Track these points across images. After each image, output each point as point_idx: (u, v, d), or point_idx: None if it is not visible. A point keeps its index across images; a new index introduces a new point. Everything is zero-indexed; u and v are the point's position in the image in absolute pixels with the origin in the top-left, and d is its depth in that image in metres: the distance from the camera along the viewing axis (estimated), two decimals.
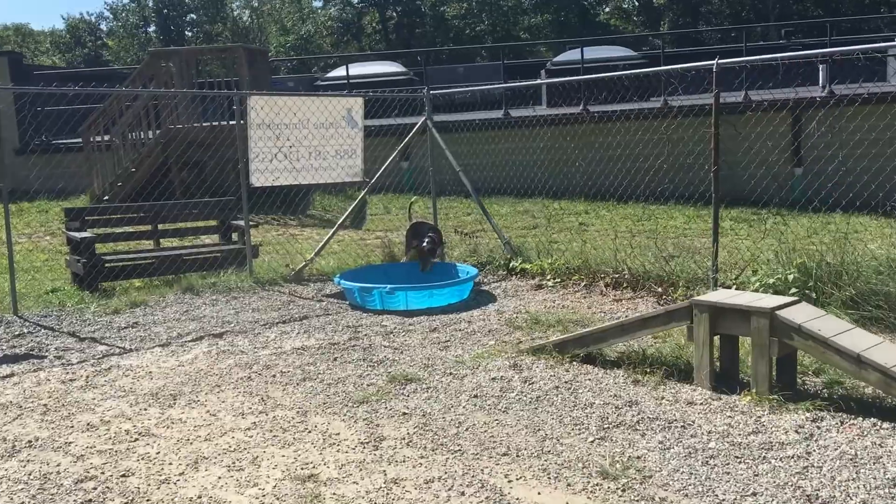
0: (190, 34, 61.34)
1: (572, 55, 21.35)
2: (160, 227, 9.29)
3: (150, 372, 5.82)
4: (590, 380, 5.15)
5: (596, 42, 25.45)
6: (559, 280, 7.93)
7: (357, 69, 19.60)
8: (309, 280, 8.75)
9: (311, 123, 8.73)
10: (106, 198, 14.65)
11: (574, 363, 5.42)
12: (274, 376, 5.60)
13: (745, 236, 11.56)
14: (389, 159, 9.26)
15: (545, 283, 7.95)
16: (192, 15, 62.42)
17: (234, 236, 9.59)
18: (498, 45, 41.38)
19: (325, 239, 9.05)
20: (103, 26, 65.07)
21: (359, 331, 6.72)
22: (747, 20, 43.90)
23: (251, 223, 9.43)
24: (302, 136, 8.70)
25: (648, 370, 5.14)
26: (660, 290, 7.08)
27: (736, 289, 6.29)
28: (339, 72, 21.41)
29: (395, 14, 56.65)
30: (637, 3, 53.95)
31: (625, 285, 7.43)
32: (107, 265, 8.37)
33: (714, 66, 6.92)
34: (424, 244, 8.10)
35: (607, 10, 55.71)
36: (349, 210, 9.15)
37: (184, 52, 14.78)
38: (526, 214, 13.90)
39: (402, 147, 9.29)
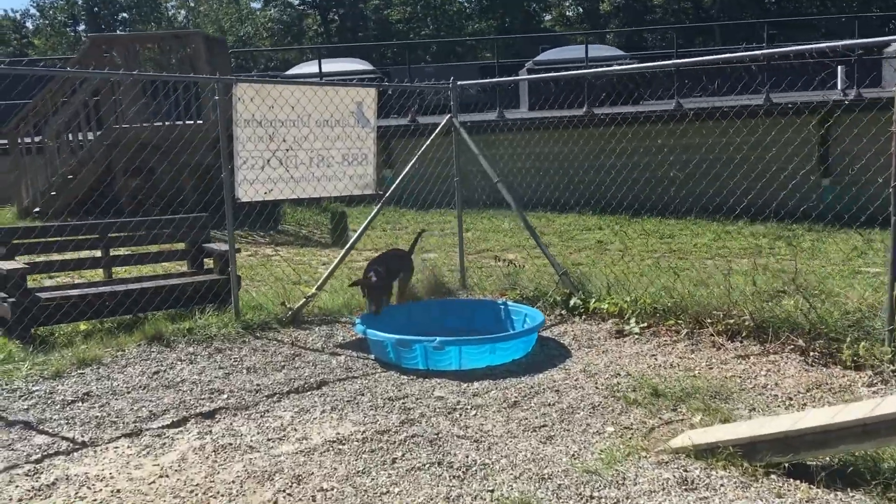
0: (122, 34, 58.19)
1: (554, 54, 19.73)
2: (112, 251, 7.20)
3: (117, 490, 3.82)
4: None
5: (545, 43, 23.96)
6: (646, 325, 6.14)
7: (324, 66, 17.55)
8: (310, 322, 6.79)
9: (313, 121, 6.78)
10: (37, 210, 12.37)
11: (775, 478, 3.62)
12: (314, 500, 3.67)
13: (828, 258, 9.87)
14: (409, 166, 7.36)
15: (627, 328, 6.15)
16: (125, 14, 59.31)
17: (207, 262, 7.56)
18: (491, 37, 39.88)
19: (330, 268, 7.08)
20: (29, 24, 61.40)
21: (408, 407, 4.81)
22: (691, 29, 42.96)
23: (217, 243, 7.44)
24: (301, 137, 6.74)
25: None
26: (801, 342, 5.33)
27: None
28: (304, 68, 19.31)
29: (336, 17, 54.64)
30: (581, 11, 53.14)
31: (744, 334, 5.67)
32: (42, 303, 6.27)
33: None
34: (371, 276, 6.32)
35: (548, 17, 54.91)
36: (361, 228, 7.18)
37: (129, 39, 12.58)
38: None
39: (425, 150, 7.38)
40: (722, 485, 3.59)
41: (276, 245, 11.02)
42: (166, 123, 12.14)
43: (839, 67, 14.95)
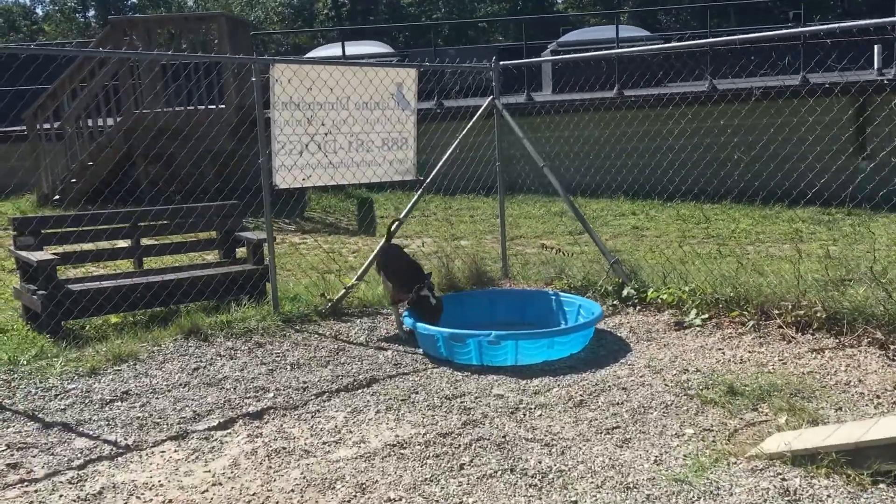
0: (141, 16, 57.83)
1: (578, 35, 19.33)
2: (143, 241, 6.94)
3: (169, 500, 3.56)
4: None
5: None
6: (707, 316, 5.83)
7: (341, 49, 17.17)
8: (351, 314, 6.51)
9: (352, 103, 6.48)
10: (57, 197, 12.12)
11: (884, 487, 3.32)
12: None
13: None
14: (449, 151, 7.06)
15: (687, 319, 5.84)
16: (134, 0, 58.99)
17: (240, 252, 7.29)
18: (505, 18, 39.26)
19: (370, 258, 6.77)
20: (39, 10, 61.19)
21: (468, 406, 4.53)
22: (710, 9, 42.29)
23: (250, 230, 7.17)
24: (340, 121, 6.44)
25: None
26: (880, 335, 5.02)
27: None
28: (321, 52, 18.97)
29: (347, 1, 54.14)
30: None
31: (815, 326, 5.35)
32: (76, 296, 6.01)
33: None
34: (430, 297, 5.62)
35: (561, 0, 54.36)
36: (402, 215, 6.87)
37: (150, 22, 12.28)
38: (565, 216, 11.79)
39: (465, 134, 7.07)
40: (828, 495, 3.30)
41: (304, 233, 10.75)
42: (187, 108, 11.84)
43: (875, 46, 14.49)
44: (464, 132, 7.07)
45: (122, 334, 5.89)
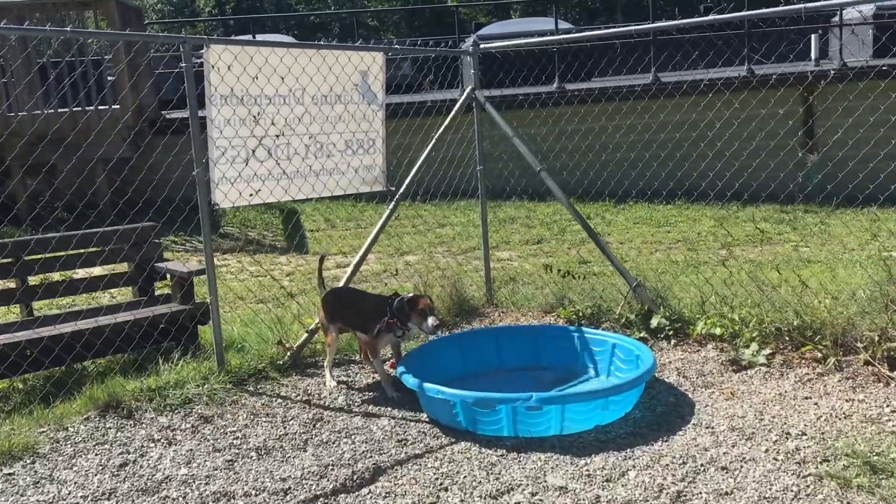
0: (12, 0, 53.39)
1: (501, 28, 18.29)
2: (31, 280, 5.32)
3: None
4: None
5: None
6: (769, 352, 4.73)
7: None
8: (316, 364, 5.11)
9: (308, 96, 5.08)
10: None
11: None
12: None
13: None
14: (424, 154, 5.74)
15: (746, 357, 4.73)
16: None
17: (160, 287, 5.77)
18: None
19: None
20: None
21: None
22: None
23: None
24: (294, 118, 5.03)
25: None
26: None
27: None
28: None
29: None
30: None
31: None
32: None
33: None
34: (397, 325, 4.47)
35: None
36: (371, 236, 5.48)
37: (24, 7, 10.37)
38: (514, 223, 10.66)
39: (442, 132, 5.77)
40: None
41: (223, 252, 9.15)
42: (72, 109, 10.05)
43: (812, 36, 14.01)
44: (440, 129, 5.76)
45: (10, 416, 4.30)
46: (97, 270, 5.83)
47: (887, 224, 10.33)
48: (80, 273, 5.73)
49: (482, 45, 6.17)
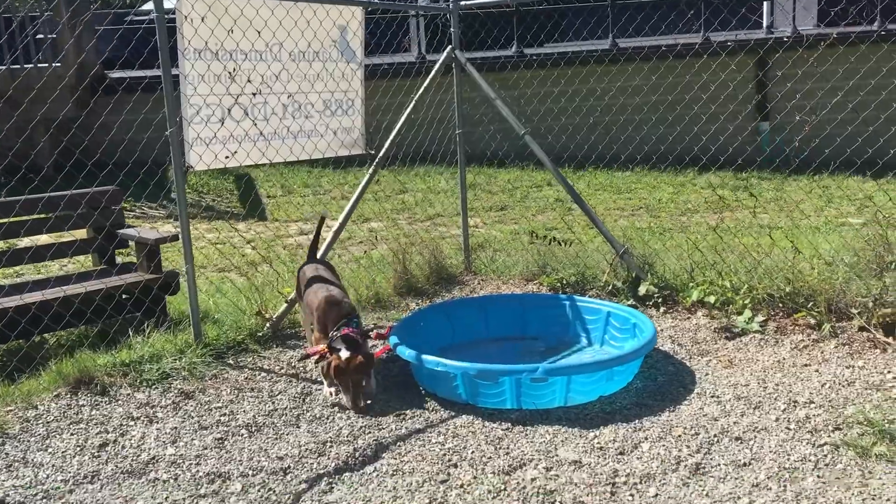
0: None
1: None
2: None
3: None
4: None
5: None
6: (764, 318, 4.68)
7: None
8: (297, 335, 4.89)
9: (286, 52, 4.79)
10: None
11: None
12: None
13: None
14: (403, 117, 5.50)
15: (740, 324, 4.67)
16: None
17: (120, 255, 5.45)
18: None
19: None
20: None
21: (545, 487, 3.11)
22: None
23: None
24: (271, 76, 4.74)
25: None
26: None
27: None
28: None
29: None
30: None
31: None
32: None
33: None
34: (355, 356, 3.81)
35: None
36: (349, 205, 5.25)
37: None
38: (475, 189, 10.47)
39: (421, 94, 5.54)
40: None
41: (176, 219, 8.73)
42: (10, 67, 9.47)
43: (765, 4, 14.04)
44: (420, 91, 5.53)
45: None
46: (44, 238, 5.48)
47: (844, 190, 10.48)
48: (44, 240, 5.36)
49: (462, 2, 5.92)
